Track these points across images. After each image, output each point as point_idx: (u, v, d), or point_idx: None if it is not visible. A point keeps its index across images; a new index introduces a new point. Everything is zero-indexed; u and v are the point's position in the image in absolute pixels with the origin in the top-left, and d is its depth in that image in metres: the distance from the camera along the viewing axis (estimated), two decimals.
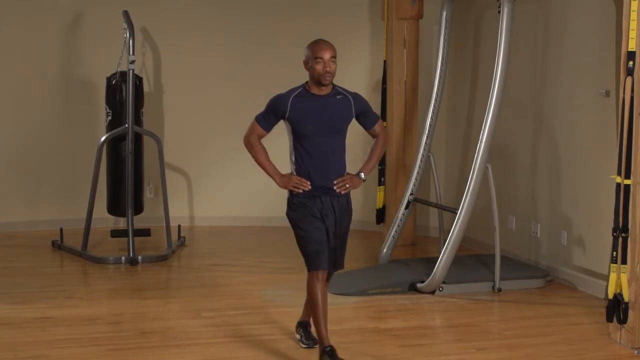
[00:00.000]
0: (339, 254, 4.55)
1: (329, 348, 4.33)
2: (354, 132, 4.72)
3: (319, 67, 4.28)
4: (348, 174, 4.47)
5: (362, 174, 4.53)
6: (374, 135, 4.60)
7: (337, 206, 4.45)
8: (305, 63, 4.37)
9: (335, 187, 4.40)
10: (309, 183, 4.36)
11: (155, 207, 7.64)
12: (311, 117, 4.34)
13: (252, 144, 4.45)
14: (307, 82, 4.40)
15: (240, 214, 8.16)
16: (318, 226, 4.38)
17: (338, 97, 4.40)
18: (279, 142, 4.99)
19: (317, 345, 4.59)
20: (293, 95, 4.36)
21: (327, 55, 4.29)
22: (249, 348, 4.66)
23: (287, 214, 4.46)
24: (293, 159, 4.43)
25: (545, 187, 6.46)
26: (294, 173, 4.42)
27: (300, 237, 4.42)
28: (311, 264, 4.39)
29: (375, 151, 4.60)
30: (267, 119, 4.42)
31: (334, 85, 4.41)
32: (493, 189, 5.92)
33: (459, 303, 5.65)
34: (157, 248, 7.08)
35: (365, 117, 4.52)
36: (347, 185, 4.43)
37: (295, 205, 4.40)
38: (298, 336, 4.72)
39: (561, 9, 6.26)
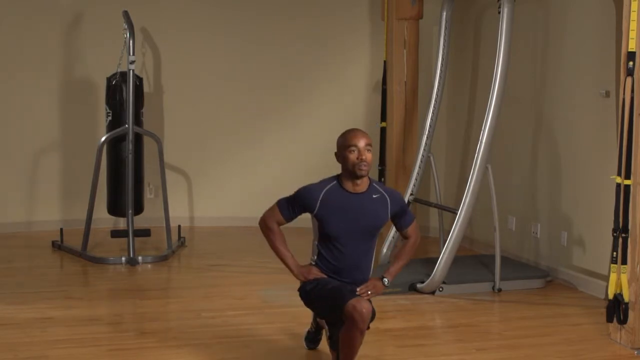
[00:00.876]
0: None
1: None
2: None
3: (352, 157, 3.93)
4: (371, 279, 4.11)
5: (386, 280, 4.14)
6: (405, 237, 4.26)
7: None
8: (337, 155, 4.03)
9: (359, 292, 3.99)
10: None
11: (155, 208, 7.64)
12: (342, 218, 3.98)
13: (271, 230, 4.13)
14: (339, 176, 4.05)
15: (241, 214, 8.15)
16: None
17: (375, 196, 4.05)
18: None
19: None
20: (325, 190, 4.02)
21: (361, 143, 3.94)
22: (248, 348, 4.66)
23: (302, 287, 4.13)
24: (315, 256, 4.12)
25: (545, 188, 6.46)
26: (314, 262, 4.12)
27: (323, 292, 3.99)
28: (344, 298, 3.89)
29: (403, 255, 4.25)
30: (291, 209, 4.08)
31: (370, 181, 4.07)
32: (493, 189, 5.92)
33: (459, 303, 5.65)
34: (157, 248, 7.08)
35: (401, 218, 4.19)
36: (370, 292, 4.03)
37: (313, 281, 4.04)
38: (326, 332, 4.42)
39: (561, 9, 6.26)
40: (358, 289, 3.99)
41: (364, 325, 3.85)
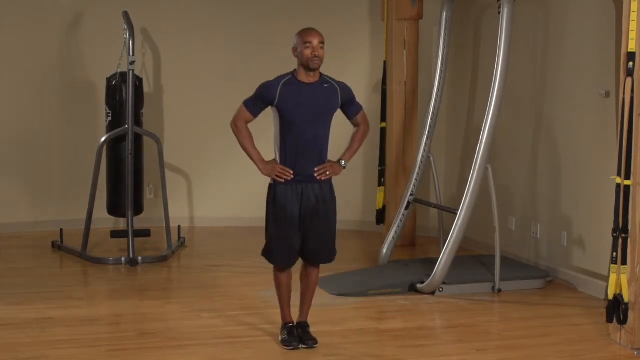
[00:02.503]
0: (322, 248, 4.61)
1: (290, 324, 4.66)
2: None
3: (307, 52, 4.45)
4: (329, 161, 4.56)
5: (343, 161, 4.63)
6: (356, 125, 4.73)
7: (319, 194, 4.52)
8: (294, 50, 4.54)
9: (315, 174, 4.49)
10: (292, 172, 4.46)
11: (155, 208, 7.64)
12: (298, 105, 4.44)
13: (239, 128, 4.58)
14: (295, 70, 4.55)
15: (240, 214, 8.15)
16: (289, 232, 4.50)
17: (325, 85, 4.53)
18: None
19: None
20: (282, 83, 4.49)
21: (315, 41, 4.46)
22: (248, 349, 4.66)
23: (268, 202, 4.58)
24: (279, 145, 4.52)
25: (545, 188, 6.46)
26: (278, 160, 4.52)
27: (270, 232, 4.60)
28: (272, 261, 4.65)
29: (356, 139, 4.72)
30: (255, 104, 4.54)
31: (321, 74, 4.55)
32: (493, 189, 5.92)
33: (458, 304, 5.65)
34: (157, 249, 7.08)
35: (350, 107, 4.65)
36: (328, 172, 4.52)
37: (278, 202, 4.50)
38: (297, 337, 4.70)
39: (561, 9, 6.26)
40: (316, 169, 4.48)
41: (277, 284, 4.68)
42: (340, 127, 4.87)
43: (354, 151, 4.71)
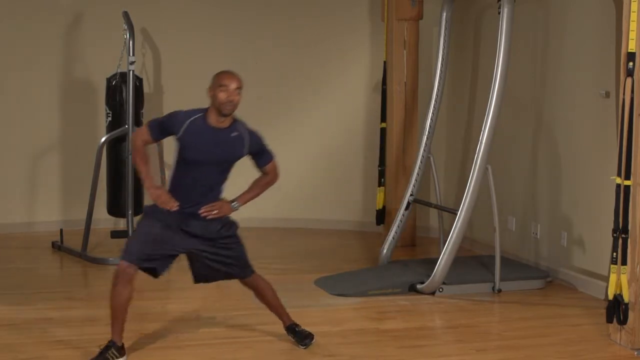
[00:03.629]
0: (240, 266, 4.54)
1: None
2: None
3: (222, 95, 4.27)
4: (222, 200, 4.44)
5: (236, 203, 4.49)
6: (264, 173, 4.57)
7: (204, 228, 4.38)
8: (210, 90, 4.34)
9: (201, 211, 4.35)
10: (177, 205, 4.27)
11: None
12: (200, 148, 4.29)
13: (136, 147, 4.39)
14: (207, 109, 4.36)
15: (240, 214, 8.09)
16: (160, 239, 4.32)
17: (233, 134, 4.35)
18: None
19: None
20: (190, 119, 4.31)
21: (232, 85, 4.29)
22: (248, 349, 4.66)
23: (144, 211, 4.50)
24: (172, 175, 4.42)
25: (545, 188, 6.46)
26: (168, 188, 4.39)
27: (138, 229, 4.42)
28: (125, 253, 4.36)
29: (258, 186, 4.58)
30: (159, 129, 4.38)
31: (234, 120, 4.38)
32: (493, 189, 5.92)
33: (459, 304, 5.65)
34: None
35: (259, 157, 4.51)
36: (215, 212, 4.37)
37: (155, 213, 4.34)
38: (292, 340, 4.70)
39: (561, 9, 6.26)
40: (203, 207, 4.33)
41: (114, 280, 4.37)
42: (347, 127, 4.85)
43: (253, 197, 4.56)
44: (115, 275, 4.39)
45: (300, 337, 4.66)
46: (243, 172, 4.67)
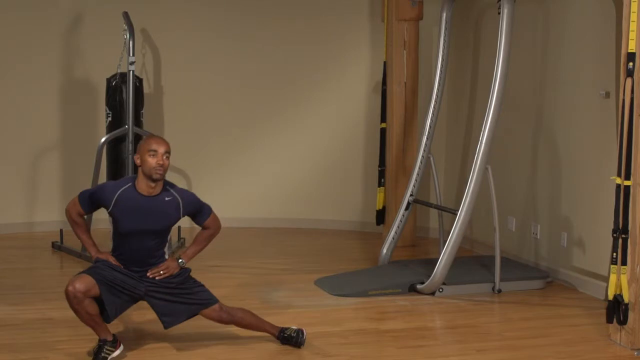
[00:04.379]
0: (200, 302, 4.51)
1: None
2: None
3: (151, 160, 4.24)
4: (168, 259, 4.45)
5: (182, 260, 4.50)
6: (205, 228, 4.58)
7: (161, 283, 4.40)
8: (137, 157, 4.31)
9: (149, 274, 4.38)
10: (122, 267, 4.36)
11: None
12: (133, 218, 4.27)
13: (72, 219, 4.43)
14: (135, 178, 4.34)
15: (240, 215, 8.15)
16: (121, 279, 4.31)
17: (167, 198, 4.35)
18: None
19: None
20: (119, 191, 4.29)
21: (161, 149, 4.27)
22: (249, 350, 4.66)
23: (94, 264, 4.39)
24: (113, 242, 4.43)
25: (545, 188, 6.46)
26: (112, 251, 4.42)
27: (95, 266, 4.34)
28: (75, 279, 4.23)
29: (202, 240, 4.59)
30: (89, 202, 4.38)
31: (164, 184, 4.37)
32: (493, 190, 5.92)
33: (459, 304, 5.65)
34: None
35: (197, 216, 4.51)
36: (162, 272, 4.40)
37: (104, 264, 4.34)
38: (292, 342, 4.68)
39: (561, 9, 6.26)
40: (150, 271, 4.36)
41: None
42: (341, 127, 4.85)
43: (198, 251, 4.58)
44: (70, 302, 4.26)
45: (294, 340, 4.64)
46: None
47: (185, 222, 7.96)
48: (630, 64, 4.57)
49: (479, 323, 5.28)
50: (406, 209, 6.65)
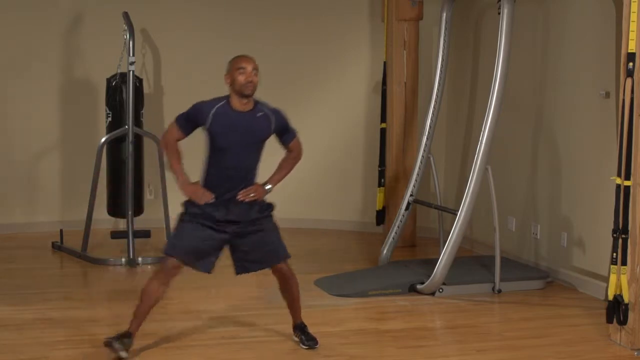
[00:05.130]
0: (273, 249, 4.58)
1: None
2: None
3: (241, 78, 4.37)
4: (256, 184, 4.53)
5: (269, 185, 4.58)
6: (289, 150, 4.68)
7: (244, 213, 4.47)
8: (227, 77, 4.45)
9: (239, 196, 4.45)
10: (213, 196, 4.43)
11: (155, 209, 7.62)
12: (230, 133, 4.41)
13: (168, 145, 4.59)
14: (228, 96, 4.47)
15: None
16: (204, 236, 4.45)
17: (259, 114, 4.47)
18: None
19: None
20: (215, 107, 4.44)
21: (249, 67, 4.39)
22: (249, 350, 4.66)
23: (184, 206, 4.55)
24: (206, 166, 4.53)
25: (545, 189, 6.46)
26: (203, 179, 4.53)
27: (178, 230, 4.54)
28: (168, 250, 4.50)
29: (286, 164, 4.68)
30: (186, 123, 4.54)
31: (255, 102, 4.49)
32: (493, 190, 5.92)
33: (459, 304, 5.65)
34: (157, 249, 7.06)
35: (284, 134, 4.61)
36: (252, 195, 4.48)
37: (193, 211, 4.47)
38: (297, 339, 4.72)
39: (561, 9, 6.26)
40: (241, 192, 4.44)
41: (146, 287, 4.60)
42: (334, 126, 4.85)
43: (283, 176, 4.67)
44: (158, 270, 4.57)
45: (307, 337, 4.67)
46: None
47: None
48: (630, 64, 4.57)
49: (479, 323, 5.28)
50: (406, 209, 6.65)
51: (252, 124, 4.43)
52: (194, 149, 4.80)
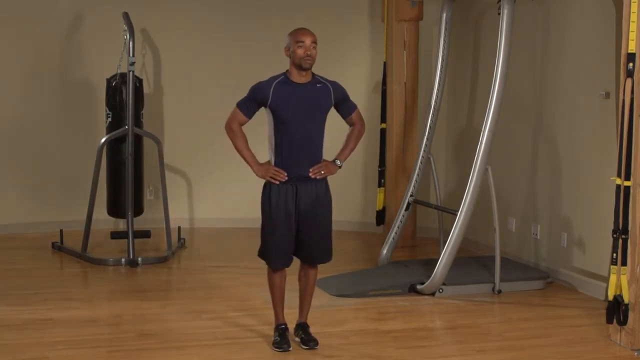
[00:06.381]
0: (318, 247, 4.64)
1: (282, 325, 4.68)
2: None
3: (300, 51, 4.47)
4: (324, 160, 4.57)
5: (338, 161, 4.65)
6: (351, 124, 4.74)
7: (313, 194, 4.55)
8: (287, 49, 4.53)
9: (310, 174, 4.51)
10: (285, 174, 4.50)
11: (155, 209, 7.63)
12: (292, 105, 4.46)
13: (234, 131, 4.60)
14: (287, 71, 4.54)
15: (241, 215, 8.15)
16: (285, 233, 4.55)
17: (318, 85, 4.56)
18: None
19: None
20: (275, 83, 4.49)
21: (308, 40, 4.50)
22: (249, 350, 4.66)
23: (263, 203, 4.65)
24: (273, 146, 4.55)
25: (545, 189, 6.46)
26: (272, 161, 4.56)
27: (265, 233, 4.66)
28: (268, 262, 4.67)
29: (352, 138, 4.73)
30: (248, 105, 4.56)
31: (313, 74, 4.59)
32: (493, 190, 5.92)
33: (459, 305, 5.65)
34: (157, 250, 7.08)
35: (344, 106, 4.68)
36: (323, 172, 4.54)
37: (272, 202, 4.57)
38: (297, 339, 4.72)
39: (561, 9, 6.26)
40: (311, 169, 4.50)
41: (272, 287, 4.72)
42: (336, 126, 4.85)
43: (350, 150, 4.71)
44: (270, 277, 4.72)
45: (308, 337, 4.67)
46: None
47: (184, 222, 8.04)
48: (630, 64, 4.57)
49: (479, 323, 5.28)
50: (406, 209, 6.65)
51: (312, 94, 4.51)
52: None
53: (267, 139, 4.59)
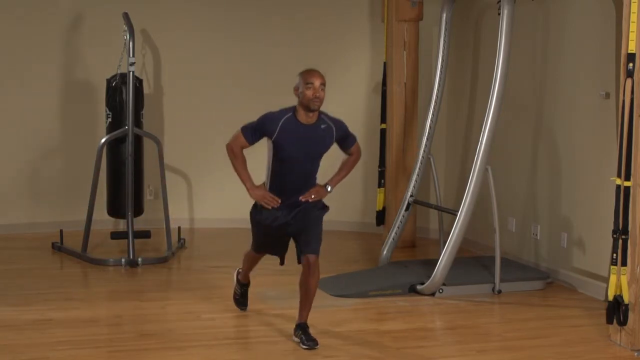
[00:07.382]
0: (311, 238, 4.77)
1: (246, 285, 5.24)
2: None
3: (309, 93, 4.57)
4: (317, 185, 4.78)
5: (329, 186, 4.82)
6: (348, 154, 4.92)
7: (302, 212, 4.72)
8: (296, 89, 4.66)
9: (301, 198, 4.69)
10: (279, 201, 4.68)
11: (155, 209, 7.63)
12: (295, 146, 4.61)
13: (235, 153, 4.75)
14: (295, 108, 4.66)
15: (241, 215, 8.07)
16: (276, 243, 4.89)
17: (322, 126, 4.68)
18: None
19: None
20: (284, 119, 4.61)
21: (317, 82, 4.59)
22: (249, 350, 4.66)
23: (251, 213, 4.88)
24: (269, 171, 4.74)
25: (545, 189, 6.46)
26: (267, 184, 4.76)
27: (254, 238, 5.00)
28: (253, 248, 5.06)
29: (346, 167, 4.92)
30: (253, 134, 4.68)
31: (319, 114, 4.68)
32: (493, 190, 5.92)
33: (459, 305, 5.65)
34: (157, 250, 7.08)
35: (345, 141, 4.84)
36: (313, 196, 4.72)
37: (262, 220, 4.78)
38: (297, 339, 4.72)
39: (561, 9, 6.26)
40: (302, 196, 4.69)
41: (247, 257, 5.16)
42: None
43: (342, 177, 4.90)
44: (251, 253, 5.11)
45: (307, 337, 4.67)
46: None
47: (184, 222, 8.04)
48: (630, 64, 4.57)
49: (479, 324, 5.28)
50: (406, 209, 6.65)
51: (316, 136, 4.64)
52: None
53: (264, 157, 4.75)
